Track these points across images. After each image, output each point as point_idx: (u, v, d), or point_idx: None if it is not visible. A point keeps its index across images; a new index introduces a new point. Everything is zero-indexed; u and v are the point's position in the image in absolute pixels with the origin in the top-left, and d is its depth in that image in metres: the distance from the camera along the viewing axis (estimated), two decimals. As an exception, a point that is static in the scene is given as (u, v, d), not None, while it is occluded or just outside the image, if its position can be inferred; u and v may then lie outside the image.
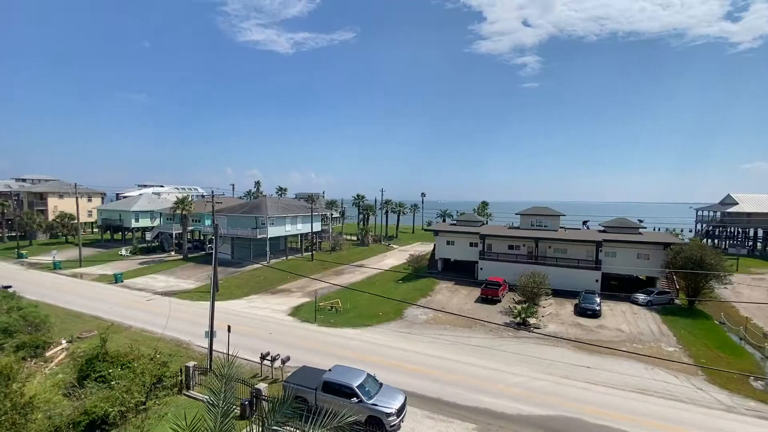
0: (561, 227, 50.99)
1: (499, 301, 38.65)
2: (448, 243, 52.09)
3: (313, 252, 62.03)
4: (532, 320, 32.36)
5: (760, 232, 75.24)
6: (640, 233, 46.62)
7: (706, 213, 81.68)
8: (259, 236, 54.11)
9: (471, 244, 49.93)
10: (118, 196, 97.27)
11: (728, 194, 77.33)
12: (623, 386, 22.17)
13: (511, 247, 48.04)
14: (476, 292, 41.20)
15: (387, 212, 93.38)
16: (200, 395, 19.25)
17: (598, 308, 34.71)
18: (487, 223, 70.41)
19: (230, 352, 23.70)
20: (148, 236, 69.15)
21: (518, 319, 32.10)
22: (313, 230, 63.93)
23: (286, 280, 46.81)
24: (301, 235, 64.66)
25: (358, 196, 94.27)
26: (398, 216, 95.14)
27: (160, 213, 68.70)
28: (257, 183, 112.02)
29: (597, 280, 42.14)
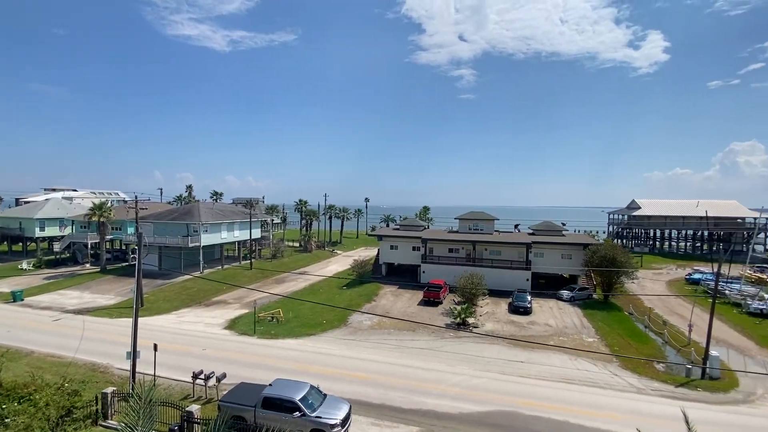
0: (495, 230, 54.26)
1: (441, 302, 39.90)
2: (391, 247, 52.76)
3: (252, 260, 59.18)
4: (471, 320, 33.82)
5: (659, 232, 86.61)
6: (563, 235, 51.14)
7: (615, 216, 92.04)
8: (191, 244, 50.34)
9: (414, 248, 51.10)
10: (18, 202, 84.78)
11: (633, 199, 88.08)
12: (552, 377, 23.97)
13: (451, 250, 49.94)
14: (419, 295, 42.14)
15: (330, 217, 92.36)
16: (120, 425, 17.24)
17: (529, 305, 37.30)
18: (428, 227, 72.62)
19: (157, 373, 21.65)
20: (57, 247, 61.06)
21: (458, 319, 33.35)
22: (252, 237, 61.04)
23: (221, 292, 44.03)
24: (239, 242, 61.37)
25: (300, 201, 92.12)
26: (342, 221, 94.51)
27: (72, 220, 61.04)
28: (189, 187, 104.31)
29: (527, 279, 45.34)
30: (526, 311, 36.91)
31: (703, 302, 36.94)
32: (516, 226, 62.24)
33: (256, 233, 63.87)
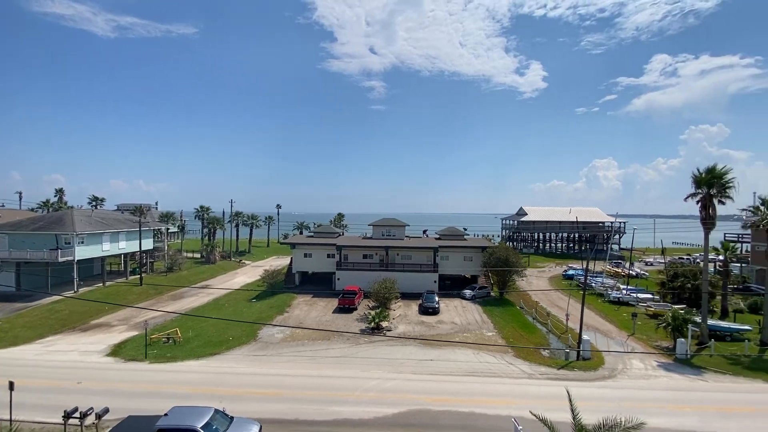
0: (406, 236, 56.73)
1: (356, 309, 40.14)
2: (305, 255, 51.50)
3: (142, 275, 52.32)
4: (384, 324, 34.66)
5: (542, 235, 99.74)
6: (465, 239, 55.66)
7: (507, 221, 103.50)
8: (61, 259, 42.51)
9: (328, 256, 50.63)
10: None
11: (521, 207, 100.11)
12: (459, 372, 25.77)
13: (365, 256, 50.67)
14: (334, 302, 41.79)
15: (238, 225, 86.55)
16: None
17: (437, 306, 39.68)
18: (343, 234, 72.68)
19: (16, 417, 17.70)
20: None
21: (372, 324, 33.91)
22: (142, 248, 54.03)
23: (103, 313, 38.02)
24: (126, 255, 53.81)
25: (202, 207, 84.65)
26: (251, 229, 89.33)
27: None
28: (59, 191, 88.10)
29: (435, 281, 48.26)
30: (435, 311, 39.18)
31: (576, 294, 43.48)
32: (424, 232, 65.88)
33: (148, 244, 56.79)
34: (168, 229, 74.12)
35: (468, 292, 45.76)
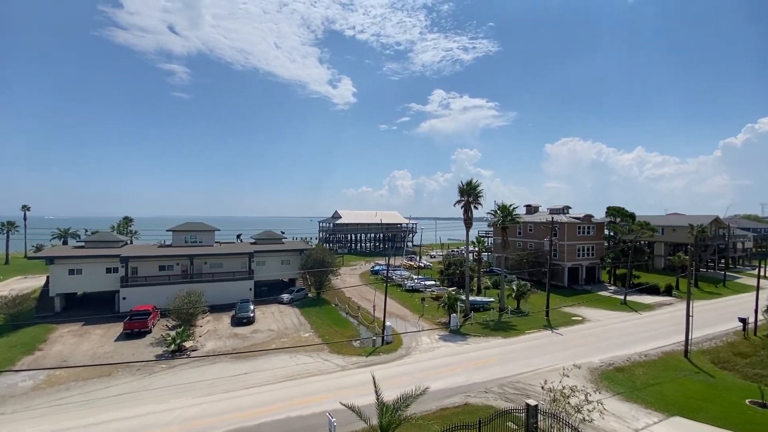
0: (216, 242, 51.58)
1: (149, 331, 33.74)
2: (72, 272, 39.89)
3: None
4: (188, 343, 30.47)
5: (354, 236, 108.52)
6: (282, 243, 54.94)
7: (324, 224, 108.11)
8: None
9: (108, 270, 40.80)
10: None
11: (336, 210, 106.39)
12: (275, 379, 25.12)
13: (162, 268, 43.23)
14: (118, 328, 33.99)
15: (-56, 236, 59.22)
16: None
17: (252, 315, 37.60)
18: (131, 242, 59.89)
19: None
20: None
21: (173, 346, 29.25)
22: None
23: None
24: None
25: None
26: (-29, 241, 62.67)
27: None
28: None
29: (251, 289, 45.67)
30: (250, 321, 37.03)
31: (381, 287, 49.14)
32: (238, 237, 61.52)
33: None
34: None
35: (286, 296, 45.25)
